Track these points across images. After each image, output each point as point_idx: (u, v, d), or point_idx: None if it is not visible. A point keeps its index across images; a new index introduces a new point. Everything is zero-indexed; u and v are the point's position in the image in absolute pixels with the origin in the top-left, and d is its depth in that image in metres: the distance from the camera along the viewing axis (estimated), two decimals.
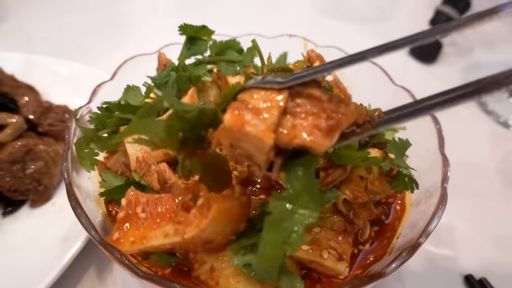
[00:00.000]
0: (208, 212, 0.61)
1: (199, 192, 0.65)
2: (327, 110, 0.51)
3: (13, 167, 0.96)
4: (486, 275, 0.91)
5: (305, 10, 1.84)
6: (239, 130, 0.49)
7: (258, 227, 0.66)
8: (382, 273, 0.62)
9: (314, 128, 0.51)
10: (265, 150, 0.49)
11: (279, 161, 0.53)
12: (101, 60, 1.31)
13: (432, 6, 1.59)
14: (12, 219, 0.97)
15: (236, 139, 0.51)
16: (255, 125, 0.49)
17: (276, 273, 0.65)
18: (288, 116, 0.52)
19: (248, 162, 0.53)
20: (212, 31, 0.91)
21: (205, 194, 0.64)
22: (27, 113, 1.09)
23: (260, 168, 0.53)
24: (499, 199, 1.11)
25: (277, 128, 0.50)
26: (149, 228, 0.64)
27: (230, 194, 0.63)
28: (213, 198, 0.63)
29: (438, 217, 0.69)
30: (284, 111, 0.52)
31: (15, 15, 1.70)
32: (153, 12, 1.78)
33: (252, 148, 0.51)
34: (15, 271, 0.87)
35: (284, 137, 0.50)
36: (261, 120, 0.50)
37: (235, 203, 0.63)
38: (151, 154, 0.76)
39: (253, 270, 0.64)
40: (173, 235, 0.62)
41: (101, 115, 0.79)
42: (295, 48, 1.06)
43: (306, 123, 0.51)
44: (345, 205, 0.73)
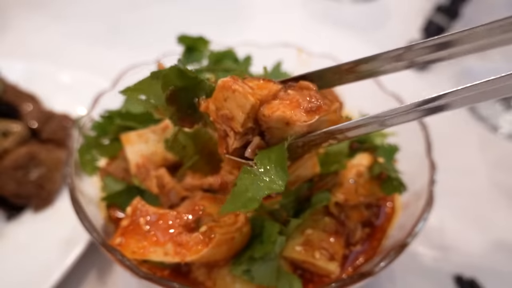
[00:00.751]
0: (209, 241, 0.64)
1: (203, 217, 0.68)
2: (312, 96, 0.56)
3: (17, 173, 0.99)
4: (476, 275, 0.94)
5: (299, 18, 1.89)
6: (229, 87, 0.54)
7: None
8: (371, 272, 0.65)
9: (296, 106, 0.56)
10: (247, 108, 0.53)
11: (256, 140, 0.57)
12: (102, 68, 1.34)
13: (424, 15, 1.64)
14: (15, 224, 1.00)
15: (224, 99, 0.55)
16: (243, 87, 0.54)
17: (274, 277, 0.68)
18: (277, 100, 0.56)
19: (227, 126, 0.56)
20: (209, 41, 0.95)
21: (209, 222, 0.67)
22: (30, 121, 1.12)
23: (236, 133, 0.56)
24: (489, 201, 1.14)
25: (264, 103, 0.55)
26: (151, 242, 0.67)
27: (233, 223, 0.67)
28: (216, 227, 0.66)
29: (424, 219, 0.72)
30: (274, 96, 0.56)
31: (17, 26, 1.73)
32: (152, 21, 1.81)
33: (235, 108, 0.54)
34: (18, 274, 0.90)
35: (267, 109, 0.55)
36: (250, 88, 0.55)
37: (237, 234, 0.66)
38: (150, 159, 0.79)
39: (253, 276, 0.67)
40: (173, 255, 0.65)
41: (103, 123, 0.83)
42: (289, 57, 1.10)
43: (289, 102, 0.56)
44: (336, 207, 0.77)
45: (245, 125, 0.55)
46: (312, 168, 0.70)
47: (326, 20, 1.87)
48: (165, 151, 0.80)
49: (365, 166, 0.81)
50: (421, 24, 1.63)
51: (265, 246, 0.67)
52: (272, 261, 0.69)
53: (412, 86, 1.51)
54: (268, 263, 0.68)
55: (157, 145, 0.81)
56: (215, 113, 0.57)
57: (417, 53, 0.57)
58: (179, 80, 0.58)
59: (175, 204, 0.77)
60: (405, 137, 0.88)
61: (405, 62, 0.59)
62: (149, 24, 1.79)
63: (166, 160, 0.81)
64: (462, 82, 1.53)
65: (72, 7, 1.86)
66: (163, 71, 0.58)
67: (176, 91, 0.58)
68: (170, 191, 0.74)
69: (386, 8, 1.95)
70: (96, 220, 0.75)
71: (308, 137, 0.57)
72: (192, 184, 0.78)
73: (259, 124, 0.57)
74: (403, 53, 0.58)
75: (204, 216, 0.68)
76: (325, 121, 0.56)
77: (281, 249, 0.70)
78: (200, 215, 0.68)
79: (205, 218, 0.68)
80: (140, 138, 0.81)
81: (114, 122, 0.83)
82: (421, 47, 0.56)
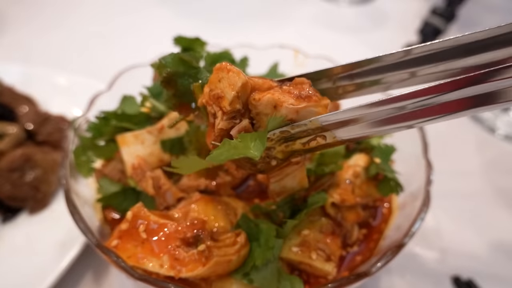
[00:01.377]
0: (206, 262, 0.64)
1: (203, 233, 0.67)
2: (304, 89, 0.58)
3: (12, 175, 0.98)
4: (473, 276, 0.94)
5: (295, 20, 1.89)
6: (225, 68, 0.56)
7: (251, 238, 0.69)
8: (368, 272, 0.65)
9: (287, 93, 0.57)
10: (237, 86, 0.55)
11: (245, 122, 0.57)
12: (98, 71, 1.34)
13: (420, 17, 1.64)
14: (11, 226, 0.99)
15: (218, 79, 0.57)
16: (238, 69, 0.56)
17: (275, 279, 0.68)
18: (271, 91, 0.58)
19: (216, 107, 0.57)
20: (205, 43, 0.94)
21: (208, 240, 0.67)
22: (25, 123, 1.12)
23: (224, 113, 0.57)
24: (486, 202, 1.14)
25: (256, 89, 0.57)
26: (147, 251, 0.66)
27: (232, 243, 0.66)
28: (214, 248, 0.66)
29: (421, 219, 0.72)
30: (268, 88, 0.58)
31: (14, 29, 1.73)
32: (148, 23, 1.81)
33: (227, 87, 0.56)
34: (14, 276, 0.89)
35: (258, 94, 0.56)
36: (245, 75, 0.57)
37: (235, 257, 0.66)
38: (146, 161, 0.79)
39: (252, 280, 0.67)
40: (168, 269, 0.64)
41: (99, 124, 0.83)
42: (286, 58, 1.10)
43: (281, 91, 0.57)
44: (333, 208, 0.76)
45: (234, 104, 0.55)
46: (301, 181, 0.69)
47: (323, 22, 1.88)
48: (161, 152, 0.80)
49: (362, 166, 0.81)
50: (418, 26, 1.63)
51: (264, 252, 0.67)
52: (272, 263, 0.68)
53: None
54: (268, 266, 0.68)
55: (153, 146, 0.80)
56: (208, 95, 0.58)
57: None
58: (177, 66, 0.60)
59: (171, 205, 0.76)
60: (401, 138, 0.88)
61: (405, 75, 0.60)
62: (145, 27, 1.79)
63: (162, 161, 0.81)
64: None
65: (68, 10, 1.86)
66: (165, 56, 0.59)
67: (173, 75, 0.60)
68: (166, 192, 0.74)
69: (382, 10, 1.96)
70: (92, 222, 0.75)
71: (292, 126, 0.56)
72: (188, 185, 0.78)
73: (249, 110, 0.58)
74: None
75: (204, 232, 0.68)
76: (313, 112, 0.56)
77: (279, 252, 0.70)
78: (199, 232, 0.67)
79: (204, 234, 0.67)
80: (136, 139, 0.81)
81: (109, 123, 0.82)
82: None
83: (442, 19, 1.57)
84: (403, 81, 0.61)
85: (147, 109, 0.88)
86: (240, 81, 0.55)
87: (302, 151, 0.60)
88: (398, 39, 1.69)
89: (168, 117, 0.83)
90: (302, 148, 0.59)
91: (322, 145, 0.58)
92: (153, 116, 0.88)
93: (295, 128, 0.57)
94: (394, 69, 0.60)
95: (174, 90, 0.62)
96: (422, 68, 0.59)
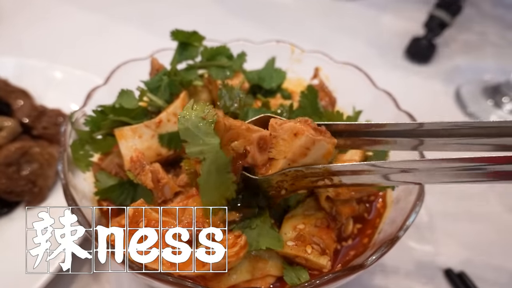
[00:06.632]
0: (203, 266, 0.63)
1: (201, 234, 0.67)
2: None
3: (9, 169, 0.98)
4: (464, 269, 0.96)
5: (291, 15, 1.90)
6: None
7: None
8: (363, 265, 0.66)
9: (304, 124, 0.62)
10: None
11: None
12: (94, 64, 1.33)
13: (426, 10, 1.66)
14: (7, 220, 0.99)
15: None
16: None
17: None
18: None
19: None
20: (203, 37, 0.95)
21: (207, 241, 0.66)
22: (21, 116, 1.11)
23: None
24: (478, 197, 1.16)
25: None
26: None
27: (231, 245, 0.66)
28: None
29: (416, 213, 0.73)
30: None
31: (8, 21, 1.71)
32: (146, 17, 1.80)
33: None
34: (11, 271, 0.89)
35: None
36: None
37: (234, 259, 0.65)
38: (144, 154, 0.79)
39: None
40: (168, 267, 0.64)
41: (96, 118, 0.83)
42: (283, 53, 1.11)
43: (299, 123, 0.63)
44: (328, 202, 0.77)
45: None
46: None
47: (320, 17, 1.88)
48: (159, 146, 0.81)
49: (357, 161, 0.82)
50: (422, 18, 1.64)
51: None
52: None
53: (403, 82, 1.54)
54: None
55: (151, 140, 0.81)
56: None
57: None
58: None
59: (168, 199, 0.77)
60: None
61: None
62: (142, 20, 1.78)
63: (159, 155, 0.81)
64: (451, 79, 1.54)
65: (64, 2, 1.85)
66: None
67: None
68: (164, 186, 0.75)
69: (380, 5, 1.97)
70: (90, 216, 0.75)
71: (307, 167, 0.64)
72: (186, 180, 0.78)
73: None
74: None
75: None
76: (324, 148, 0.62)
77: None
78: (197, 232, 0.67)
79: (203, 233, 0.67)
80: (134, 133, 0.81)
81: (107, 117, 0.83)
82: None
83: (447, 12, 1.58)
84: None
85: (145, 104, 0.89)
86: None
87: (309, 187, 0.69)
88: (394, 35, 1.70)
89: (166, 111, 0.83)
90: (309, 185, 0.68)
91: (327, 185, 0.67)
92: (150, 110, 0.88)
93: (309, 169, 0.64)
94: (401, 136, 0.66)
95: None
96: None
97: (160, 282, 0.62)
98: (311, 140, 0.61)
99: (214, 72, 0.93)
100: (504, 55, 1.74)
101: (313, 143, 0.61)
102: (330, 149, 0.63)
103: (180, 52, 0.93)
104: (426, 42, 1.63)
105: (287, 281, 0.72)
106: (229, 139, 0.63)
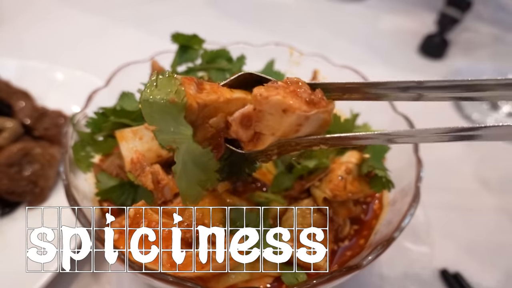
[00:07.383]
0: (204, 266, 0.65)
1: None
2: (316, 95, 0.55)
3: (11, 170, 0.99)
4: (460, 270, 0.97)
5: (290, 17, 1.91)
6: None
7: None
8: (359, 265, 0.67)
9: (296, 97, 0.54)
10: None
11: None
12: (95, 66, 1.35)
13: (436, 8, 1.69)
14: (9, 220, 1.00)
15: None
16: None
17: None
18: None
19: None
20: (203, 40, 0.96)
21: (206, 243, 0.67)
22: (23, 118, 1.12)
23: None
24: (474, 198, 1.17)
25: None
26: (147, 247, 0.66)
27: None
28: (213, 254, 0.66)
29: (411, 214, 0.74)
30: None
31: (9, 23, 1.72)
32: (146, 19, 1.82)
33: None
34: (12, 271, 0.90)
35: (265, 90, 0.54)
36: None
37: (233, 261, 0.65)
38: (145, 156, 0.80)
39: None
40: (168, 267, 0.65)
41: (97, 119, 0.84)
42: (282, 56, 1.12)
43: (288, 90, 0.54)
44: (325, 203, 0.79)
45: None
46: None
47: (321, 19, 1.90)
48: (159, 148, 0.82)
49: (354, 163, 0.84)
50: (431, 17, 1.66)
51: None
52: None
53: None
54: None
55: (151, 142, 0.82)
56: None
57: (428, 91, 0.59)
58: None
59: (168, 200, 0.78)
60: None
61: (413, 95, 0.60)
62: (143, 22, 1.79)
63: (160, 157, 0.82)
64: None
65: (65, 4, 1.86)
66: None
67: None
68: (164, 187, 0.76)
69: (377, 7, 1.98)
70: (91, 216, 0.76)
71: (296, 141, 0.58)
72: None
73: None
74: (413, 87, 0.59)
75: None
76: (319, 119, 0.56)
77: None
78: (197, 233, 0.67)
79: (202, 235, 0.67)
80: (134, 135, 0.82)
81: (108, 119, 0.84)
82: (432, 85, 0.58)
83: (457, 9, 1.61)
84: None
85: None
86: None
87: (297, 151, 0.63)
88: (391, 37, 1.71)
89: None
90: (303, 149, 0.62)
91: (322, 148, 0.62)
92: None
93: (303, 139, 0.58)
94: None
95: None
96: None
97: (160, 282, 0.63)
98: (303, 117, 0.53)
99: (214, 74, 0.94)
100: (501, 56, 1.75)
101: (306, 119, 0.54)
102: (327, 118, 0.56)
103: (180, 54, 0.94)
104: (439, 39, 1.67)
105: (285, 281, 0.73)
106: (206, 117, 0.55)
